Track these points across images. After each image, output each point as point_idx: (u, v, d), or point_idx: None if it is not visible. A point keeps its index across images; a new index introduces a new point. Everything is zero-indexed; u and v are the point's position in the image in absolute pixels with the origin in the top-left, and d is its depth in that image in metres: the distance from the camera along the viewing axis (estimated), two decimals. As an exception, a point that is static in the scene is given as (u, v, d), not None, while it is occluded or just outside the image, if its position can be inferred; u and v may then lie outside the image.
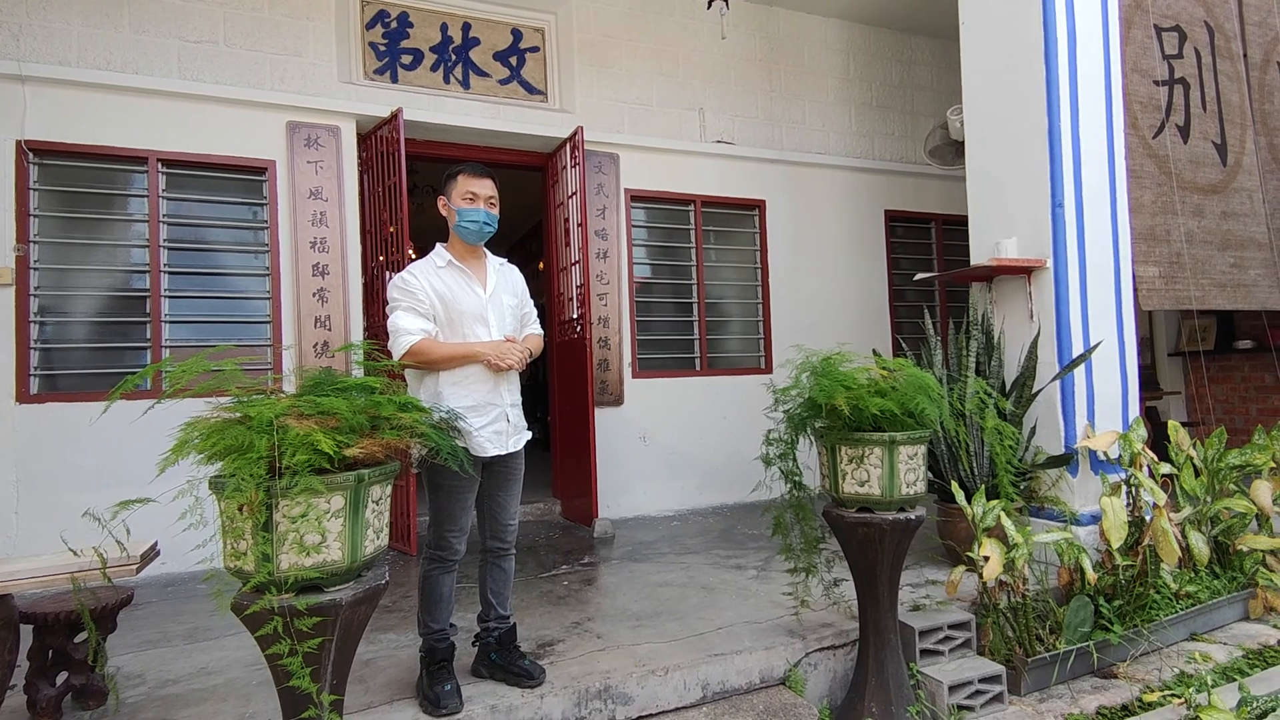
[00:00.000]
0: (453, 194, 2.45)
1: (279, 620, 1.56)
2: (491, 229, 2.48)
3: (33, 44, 4.05)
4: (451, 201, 2.46)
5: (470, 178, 2.45)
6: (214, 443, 1.56)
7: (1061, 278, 3.66)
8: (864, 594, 2.64)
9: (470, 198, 2.43)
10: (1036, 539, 2.87)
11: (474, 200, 2.44)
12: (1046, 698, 2.76)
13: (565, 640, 2.85)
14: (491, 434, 2.40)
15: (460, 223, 2.43)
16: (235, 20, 4.49)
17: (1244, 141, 4.61)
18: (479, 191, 2.44)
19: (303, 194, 4.52)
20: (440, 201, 2.49)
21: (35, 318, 3.99)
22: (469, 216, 2.42)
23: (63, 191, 4.11)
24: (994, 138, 3.98)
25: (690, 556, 4.11)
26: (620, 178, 5.46)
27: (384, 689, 2.43)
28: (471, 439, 2.34)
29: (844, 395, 2.47)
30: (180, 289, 4.30)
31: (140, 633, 3.09)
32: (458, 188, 2.45)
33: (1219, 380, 6.64)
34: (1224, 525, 3.59)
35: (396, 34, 4.92)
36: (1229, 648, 3.15)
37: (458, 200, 2.44)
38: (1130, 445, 3.41)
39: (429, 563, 2.40)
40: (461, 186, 2.44)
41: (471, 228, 2.43)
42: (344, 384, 1.83)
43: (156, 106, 4.24)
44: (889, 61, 6.69)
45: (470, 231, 2.44)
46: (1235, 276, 4.37)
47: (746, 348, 5.98)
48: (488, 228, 2.46)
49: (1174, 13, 4.38)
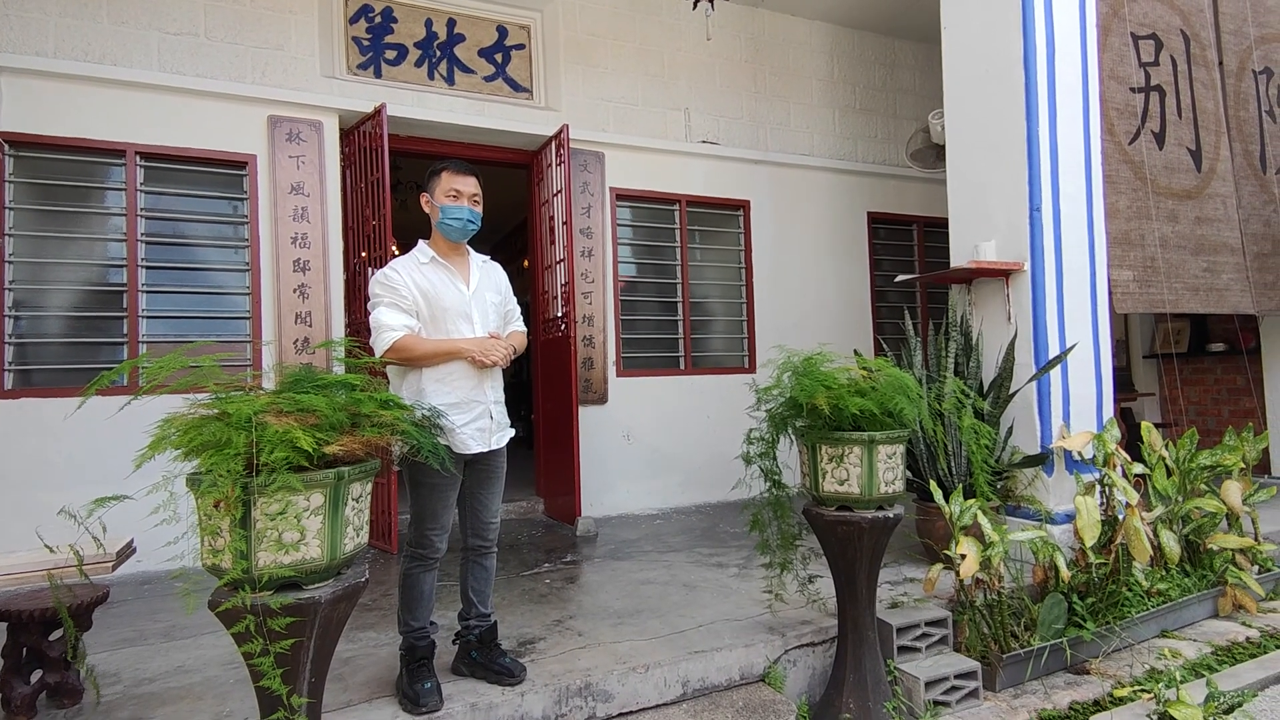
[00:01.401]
0: (436, 191, 2.45)
1: (251, 619, 1.55)
2: (475, 226, 2.47)
3: (9, 34, 3.98)
4: (435, 198, 2.45)
5: (454, 175, 2.44)
6: (191, 439, 1.55)
7: (1039, 281, 3.72)
8: (843, 591, 2.67)
9: (454, 195, 2.43)
10: (1012, 537, 2.92)
11: (458, 198, 2.43)
12: (1021, 693, 2.80)
13: (546, 638, 2.85)
14: (475, 431, 2.40)
15: (443, 220, 2.43)
16: (216, 12, 4.43)
17: (1218, 148, 4.69)
18: (462, 189, 2.44)
19: (284, 189, 4.48)
20: (423, 198, 2.49)
21: (10, 312, 3.93)
22: (452, 214, 2.42)
23: (39, 184, 4.04)
24: (974, 142, 4.03)
25: (672, 554, 4.13)
26: (605, 176, 5.47)
27: (363, 687, 2.43)
28: (454, 436, 2.34)
29: (825, 395, 2.50)
30: (158, 284, 4.25)
31: (116, 631, 3.06)
32: (441, 185, 2.44)
33: (1192, 382, 6.76)
34: (1195, 524, 3.66)
35: (380, 29, 4.89)
36: (1198, 644, 3.22)
37: (441, 197, 2.44)
38: (1104, 446, 3.47)
39: (410, 560, 2.40)
40: (445, 184, 2.44)
41: (455, 225, 2.43)
42: (324, 381, 1.82)
43: (135, 99, 4.18)
44: (872, 65, 6.75)
45: (453, 229, 2.44)
46: (1208, 281, 4.45)
47: (730, 347, 6.01)
48: (471, 225, 2.46)
49: (1150, 21, 4.45)
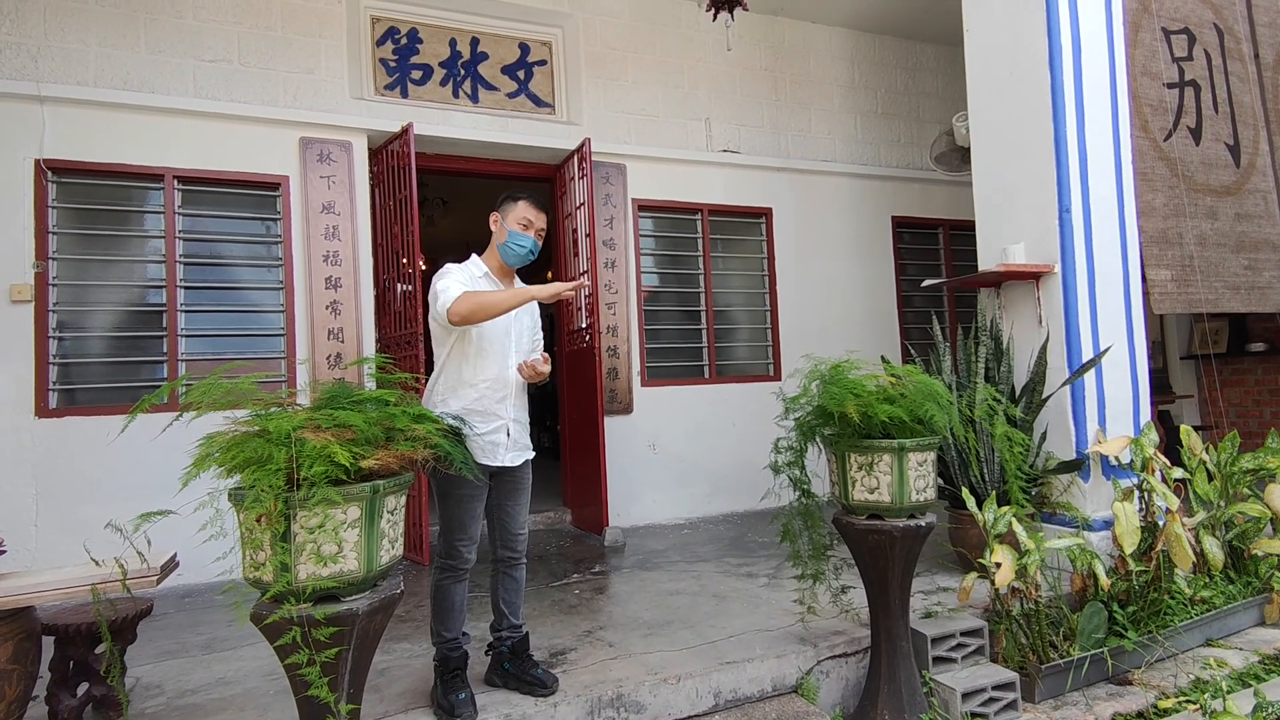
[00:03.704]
0: (509, 215, 2.55)
1: (297, 630, 1.59)
2: (534, 257, 2.59)
3: (51, 65, 4.14)
4: (506, 222, 2.55)
5: (530, 207, 2.55)
6: (233, 455, 1.59)
7: (1070, 283, 3.66)
8: (875, 601, 2.64)
9: (525, 224, 2.54)
10: (1049, 545, 2.86)
11: (528, 227, 2.55)
12: (1061, 705, 2.74)
13: (577, 649, 2.86)
14: (486, 443, 2.44)
15: (509, 243, 2.53)
16: (249, 39, 4.57)
17: (1257, 143, 4.58)
18: (534, 221, 2.56)
19: (315, 208, 4.58)
20: (493, 218, 2.58)
21: (54, 333, 4.06)
22: (518, 240, 2.53)
23: (81, 209, 4.19)
24: (1000, 144, 3.99)
25: (701, 565, 4.11)
26: (628, 188, 5.50)
27: (399, 698, 2.45)
28: (470, 443, 2.39)
29: (853, 403, 2.48)
30: (196, 303, 4.37)
31: (159, 643, 3.13)
32: (516, 212, 2.54)
33: (1231, 383, 6.59)
34: (1238, 530, 3.56)
35: (406, 50, 4.99)
36: (1245, 653, 3.12)
37: (513, 223, 2.54)
38: (1142, 450, 3.40)
39: (440, 572, 2.43)
40: (520, 212, 2.54)
41: (519, 251, 2.54)
42: (359, 396, 1.86)
43: (173, 124, 4.32)
44: (894, 69, 6.72)
45: (516, 254, 2.54)
46: (1250, 279, 4.33)
47: (755, 355, 5.99)
48: (531, 255, 2.57)
49: (1182, 15, 4.37)
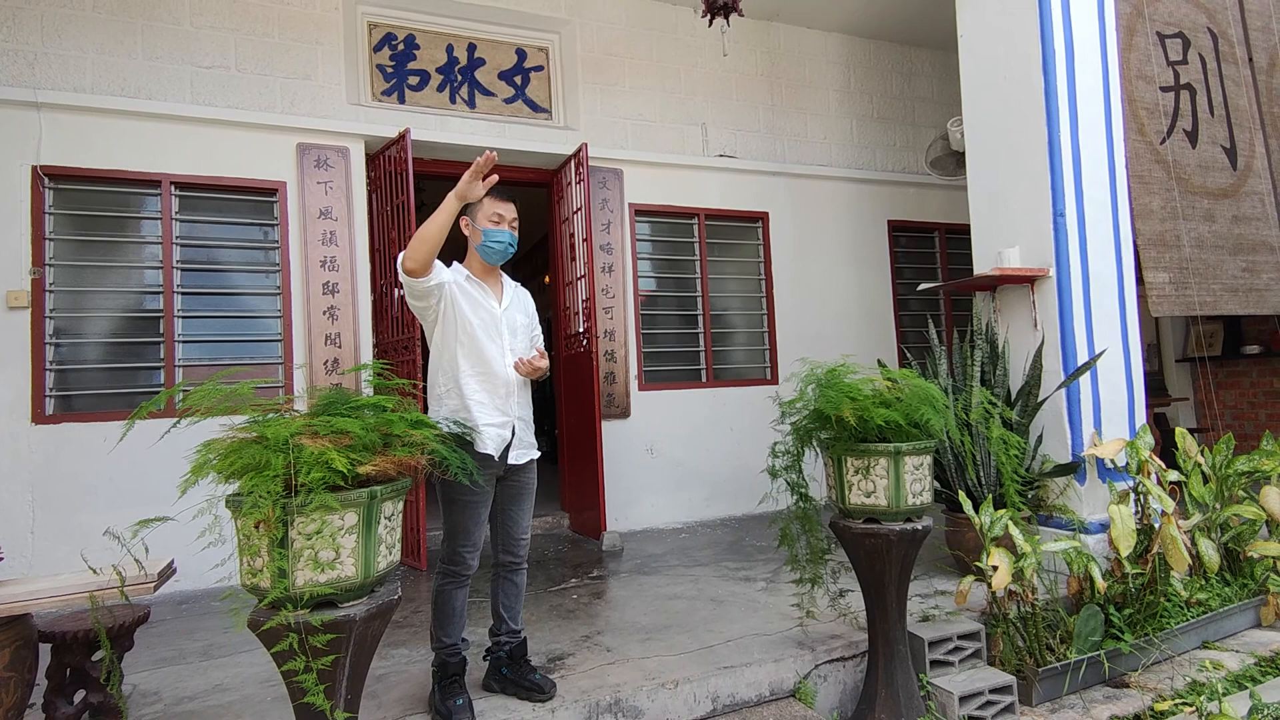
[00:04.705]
0: (478, 215, 2.50)
1: (294, 636, 1.59)
2: (513, 250, 2.54)
3: (49, 72, 4.14)
4: (476, 222, 2.50)
5: (497, 200, 2.50)
6: (231, 462, 1.60)
7: (1065, 286, 3.68)
8: (872, 605, 2.65)
9: (496, 219, 2.49)
10: (1045, 548, 2.87)
11: (500, 222, 2.49)
12: (1058, 708, 2.75)
13: (575, 654, 2.86)
14: (494, 434, 2.43)
15: (485, 243, 2.49)
16: (246, 45, 4.58)
17: (1253, 145, 4.61)
18: (505, 214, 2.50)
19: (313, 214, 4.59)
20: (464, 221, 2.51)
21: (51, 339, 4.05)
22: (495, 237, 2.48)
23: (77, 215, 4.19)
24: (994, 148, 4.01)
25: (699, 569, 4.12)
26: (624, 192, 5.52)
27: (397, 704, 2.45)
28: (477, 435, 2.38)
29: (849, 406, 2.49)
30: (193, 309, 4.37)
31: (156, 650, 3.12)
32: (484, 209, 2.49)
33: (1227, 386, 6.61)
34: (1234, 532, 3.58)
35: (403, 56, 5.00)
36: (1241, 655, 3.13)
37: (484, 221, 2.49)
38: (1137, 453, 3.41)
39: (443, 577, 2.43)
40: (488, 208, 2.49)
41: (497, 248, 2.49)
42: (356, 402, 1.86)
43: (170, 131, 4.32)
44: (889, 74, 6.75)
45: (495, 252, 2.50)
46: (1247, 281, 4.35)
47: (752, 359, 6.00)
48: (511, 249, 2.52)
49: (1176, 19, 4.40)
